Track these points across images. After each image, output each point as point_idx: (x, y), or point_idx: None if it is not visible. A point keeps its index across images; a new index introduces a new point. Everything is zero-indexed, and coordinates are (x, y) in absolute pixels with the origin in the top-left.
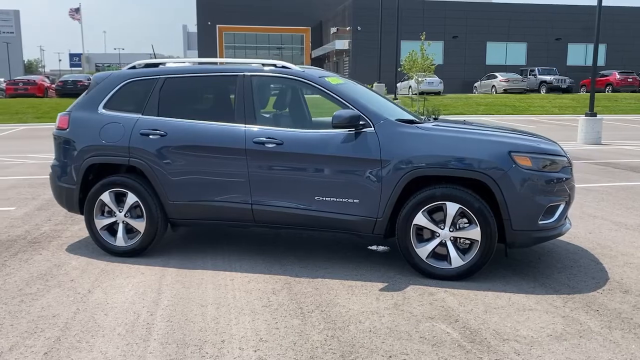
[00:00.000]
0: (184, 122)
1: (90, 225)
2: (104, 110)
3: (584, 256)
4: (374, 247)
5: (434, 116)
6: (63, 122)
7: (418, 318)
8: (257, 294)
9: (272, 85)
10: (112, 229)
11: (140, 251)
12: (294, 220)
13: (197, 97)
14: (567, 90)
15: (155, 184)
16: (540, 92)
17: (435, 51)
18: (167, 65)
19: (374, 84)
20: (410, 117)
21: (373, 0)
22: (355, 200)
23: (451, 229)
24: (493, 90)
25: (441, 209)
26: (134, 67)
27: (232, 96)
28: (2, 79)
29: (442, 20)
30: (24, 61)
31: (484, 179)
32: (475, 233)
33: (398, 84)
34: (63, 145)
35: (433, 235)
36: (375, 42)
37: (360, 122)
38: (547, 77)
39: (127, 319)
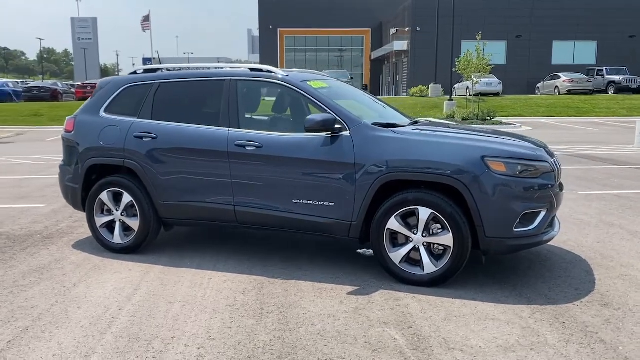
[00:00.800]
0: (173, 125)
1: (91, 222)
2: (104, 114)
3: (578, 266)
4: (362, 251)
5: (429, 120)
6: (69, 125)
7: (372, 323)
8: (227, 293)
9: (261, 90)
10: (110, 226)
11: (135, 248)
12: (273, 222)
13: (187, 101)
14: (638, 91)
15: (147, 184)
16: (607, 93)
17: (497, 51)
18: (163, 70)
19: (430, 86)
20: (393, 121)
21: (433, 0)
22: (330, 204)
23: (424, 235)
24: (556, 91)
25: (414, 213)
26: (135, 73)
27: (218, 100)
28: (80, 83)
29: (505, 19)
30: (100, 66)
31: (455, 184)
32: (447, 239)
33: (456, 85)
34: (69, 146)
35: (407, 240)
36: (434, 42)
37: (336, 126)
38: (616, 77)
39: (95, 312)
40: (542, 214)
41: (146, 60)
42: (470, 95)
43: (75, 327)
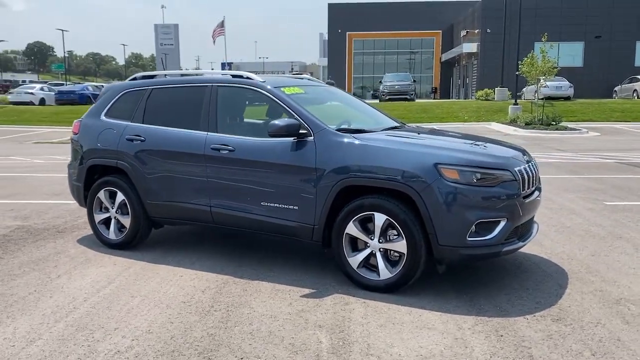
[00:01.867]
0: (160, 128)
1: (90, 218)
2: (104, 118)
3: (554, 279)
4: None
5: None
6: (75, 128)
7: (308, 325)
8: (189, 290)
9: (240, 95)
10: (107, 223)
11: (127, 244)
12: (245, 224)
13: (174, 105)
14: None
15: (137, 184)
16: None
17: (574, 52)
18: (157, 77)
19: (496, 89)
20: (374, 126)
21: (502, 1)
22: (294, 207)
23: (381, 240)
24: (635, 94)
25: (372, 219)
26: (134, 79)
27: (200, 105)
28: None
29: (583, 18)
30: (181, 69)
31: (408, 190)
32: (401, 245)
33: (524, 88)
34: (75, 148)
35: (365, 245)
36: (505, 44)
37: (301, 131)
38: None
39: (62, 302)
40: (502, 223)
41: (224, 65)
42: (538, 99)
43: (38, 314)
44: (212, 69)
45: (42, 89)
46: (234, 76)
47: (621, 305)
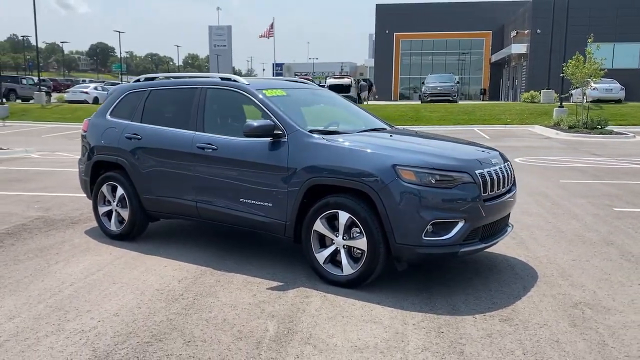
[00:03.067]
0: (155, 127)
1: (95, 211)
2: (109, 117)
3: (522, 281)
4: None
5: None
6: (85, 126)
7: (262, 315)
8: (167, 279)
9: (226, 97)
10: (110, 215)
11: (126, 235)
12: (226, 219)
13: (168, 106)
14: None
15: (134, 180)
16: None
17: (630, 53)
18: (158, 79)
19: (542, 91)
20: (359, 127)
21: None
22: (269, 204)
23: (345, 238)
24: None
25: (337, 217)
26: (138, 80)
27: (190, 106)
28: None
29: (639, 18)
30: (233, 70)
31: (367, 190)
32: (362, 243)
33: (573, 91)
34: (84, 144)
35: (331, 242)
36: (554, 45)
37: (276, 132)
38: None
39: (51, 285)
40: (460, 224)
41: (275, 66)
42: (586, 101)
43: (25, 296)
44: (264, 70)
45: (95, 88)
46: (222, 78)
47: (577, 309)
